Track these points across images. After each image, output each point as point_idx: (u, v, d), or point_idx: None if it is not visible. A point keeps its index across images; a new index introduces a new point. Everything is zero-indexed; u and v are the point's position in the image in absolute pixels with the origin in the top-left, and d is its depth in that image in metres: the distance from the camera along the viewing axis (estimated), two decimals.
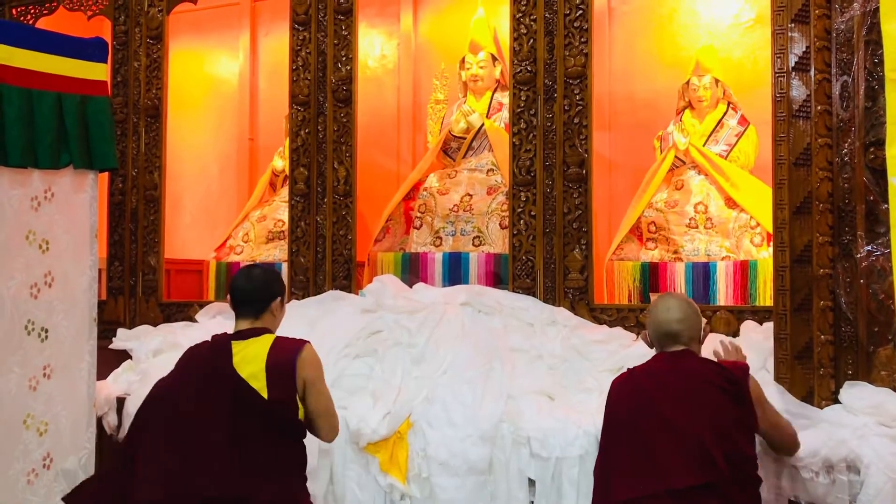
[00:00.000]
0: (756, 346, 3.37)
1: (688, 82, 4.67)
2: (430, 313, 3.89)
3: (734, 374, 2.68)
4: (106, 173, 4.84)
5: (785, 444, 2.81)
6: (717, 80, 4.61)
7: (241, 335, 2.72)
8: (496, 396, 3.49)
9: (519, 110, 4.09)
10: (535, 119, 4.06)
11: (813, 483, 2.92)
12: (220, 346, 2.70)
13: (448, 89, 5.32)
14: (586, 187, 3.95)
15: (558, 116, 4.01)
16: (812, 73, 3.21)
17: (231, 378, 2.62)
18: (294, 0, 4.59)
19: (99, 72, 3.52)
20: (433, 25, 5.94)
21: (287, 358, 2.65)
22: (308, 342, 2.75)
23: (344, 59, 4.49)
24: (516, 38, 4.11)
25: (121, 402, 4.12)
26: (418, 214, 4.79)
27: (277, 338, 2.74)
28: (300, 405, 2.66)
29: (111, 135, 3.57)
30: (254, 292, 2.77)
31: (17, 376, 3.18)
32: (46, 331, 3.31)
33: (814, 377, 3.16)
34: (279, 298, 2.81)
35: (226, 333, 2.77)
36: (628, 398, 2.75)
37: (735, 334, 3.61)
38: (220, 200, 6.29)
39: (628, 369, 2.87)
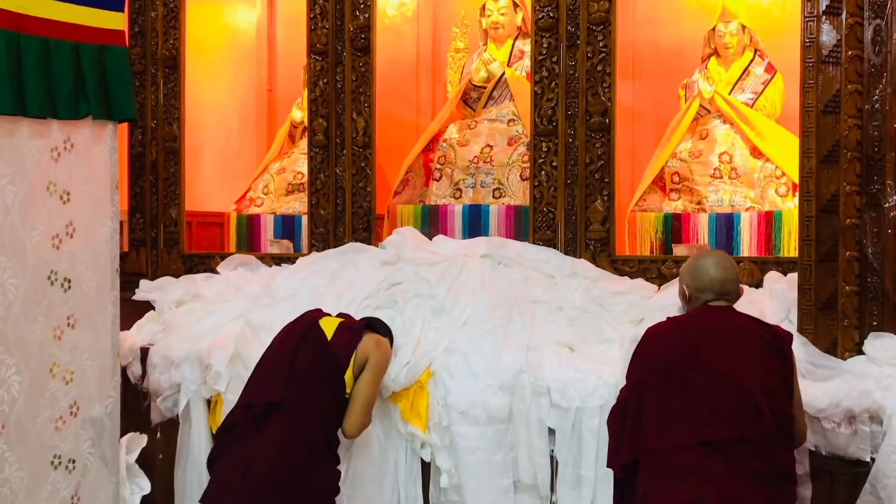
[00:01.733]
0: (780, 296, 3.33)
1: (714, 29, 4.55)
2: (449, 265, 3.88)
3: (779, 331, 2.68)
4: (125, 125, 4.86)
5: (798, 429, 2.69)
6: (743, 27, 4.49)
7: (343, 316, 3.32)
8: (516, 347, 3.49)
9: (541, 58, 4.02)
10: (558, 67, 3.98)
11: (834, 433, 2.91)
12: (320, 310, 3.33)
13: (468, 37, 5.24)
14: (609, 137, 3.89)
15: (581, 64, 3.93)
16: (843, 16, 3.10)
17: (312, 324, 3.19)
18: None
19: (117, 21, 3.47)
20: None
21: (358, 326, 3.20)
22: (387, 339, 3.29)
23: (362, 6, 4.41)
24: None
25: (144, 351, 4.17)
26: (438, 166, 4.75)
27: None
28: (352, 371, 3.08)
29: (130, 85, 3.54)
30: (376, 319, 3.37)
31: (42, 326, 3.20)
32: (69, 281, 3.32)
33: (838, 328, 3.12)
34: (387, 338, 3.32)
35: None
36: (668, 347, 2.65)
37: (758, 285, 3.57)
38: (239, 152, 6.26)
39: (668, 318, 2.77)
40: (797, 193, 3.89)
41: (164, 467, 4.07)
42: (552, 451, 3.35)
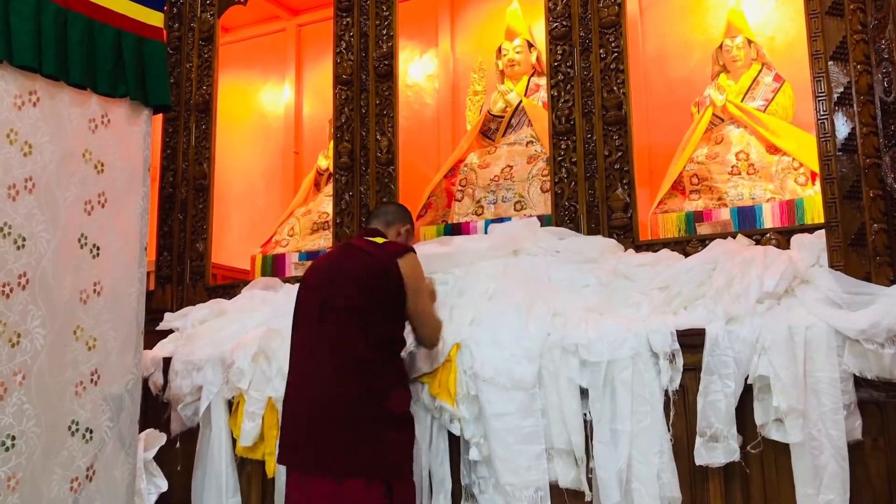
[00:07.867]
0: (808, 244, 3.29)
1: (720, 46, 4.74)
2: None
3: None
4: (158, 167, 5.05)
5: None
6: (749, 41, 4.68)
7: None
8: (542, 316, 3.43)
9: (556, 63, 4.19)
10: (572, 71, 4.14)
11: (878, 355, 2.79)
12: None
13: (486, 81, 5.44)
14: (626, 128, 3.97)
15: (595, 66, 4.09)
16: None
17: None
18: None
19: (156, 19, 3.70)
20: (471, 46, 6.10)
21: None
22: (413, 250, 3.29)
23: (385, 36, 4.67)
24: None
25: (167, 361, 4.13)
26: (459, 188, 4.83)
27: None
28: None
29: (166, 75, 3.72)
30: (386, 208, 3.49)
31: (70, 285, 3.22)
32: (98, 248, 3.36)
33: (870, 265, 3.06)
34: (407, 227, 3.44)
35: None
36: None
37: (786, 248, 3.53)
38: (265, 216, 6.42)
39: None
40: (817, 181, 3.92)
41: (182, 477, 3.93)
42: (585, 413, 3.22)
